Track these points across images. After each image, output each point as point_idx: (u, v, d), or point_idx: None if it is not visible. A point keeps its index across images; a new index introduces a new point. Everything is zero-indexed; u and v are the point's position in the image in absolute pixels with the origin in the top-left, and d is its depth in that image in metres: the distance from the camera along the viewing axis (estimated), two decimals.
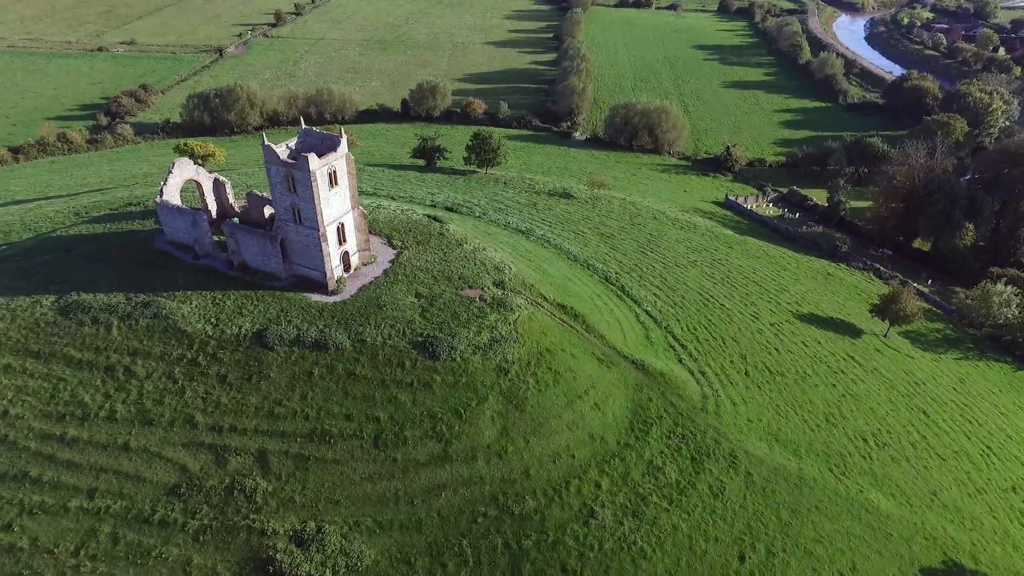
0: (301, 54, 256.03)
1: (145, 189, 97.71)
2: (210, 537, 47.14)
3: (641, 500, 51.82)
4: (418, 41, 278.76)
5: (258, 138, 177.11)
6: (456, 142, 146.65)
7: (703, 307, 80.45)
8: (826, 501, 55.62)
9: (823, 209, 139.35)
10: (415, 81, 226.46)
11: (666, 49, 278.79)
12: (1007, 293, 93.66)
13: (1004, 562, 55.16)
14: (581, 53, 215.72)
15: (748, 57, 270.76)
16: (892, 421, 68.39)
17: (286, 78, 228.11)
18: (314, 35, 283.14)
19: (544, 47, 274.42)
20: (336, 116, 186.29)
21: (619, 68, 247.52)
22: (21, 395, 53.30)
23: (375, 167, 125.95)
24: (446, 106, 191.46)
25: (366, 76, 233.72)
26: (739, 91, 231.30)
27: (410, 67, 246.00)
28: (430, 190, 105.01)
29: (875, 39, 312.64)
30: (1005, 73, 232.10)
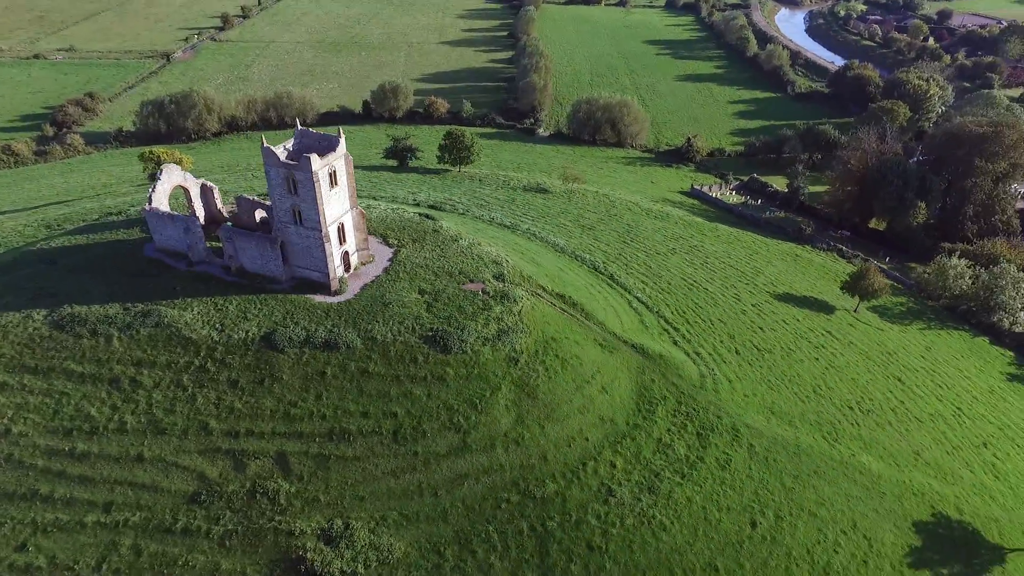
0: (253, 58, 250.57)
1: (116, 199, 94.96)
2: (236, 542, 46.95)
3: (655, 476, 53.92)
4: (372, 42, 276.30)
5: (218, 144, 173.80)
6: (422, 142, 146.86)
7: (688, 291, 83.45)
8: (823, 466, 58.94)
9: (783, 195, 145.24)
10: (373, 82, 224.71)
11: (619, 45, 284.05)
12: (960, 266, 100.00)
13: (984, 511, 59.52)
14: (540, 50, 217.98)
15: (698, 51, 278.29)
16: (872, 389, 72.62)
17: (240, 82, 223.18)
18: (265, 38, 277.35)
19: (499, 45, 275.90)
20: (297, 119, 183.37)
21: (575, 64, 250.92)
22: (22, 412, 51.74)
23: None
24: (409, 106, 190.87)
25: (322, 78, 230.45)
26: (693, 84, 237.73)
27: (367, 68, 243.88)
28: (410, 190, 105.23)
29: (815, 31, 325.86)
30: (937, 61, 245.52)
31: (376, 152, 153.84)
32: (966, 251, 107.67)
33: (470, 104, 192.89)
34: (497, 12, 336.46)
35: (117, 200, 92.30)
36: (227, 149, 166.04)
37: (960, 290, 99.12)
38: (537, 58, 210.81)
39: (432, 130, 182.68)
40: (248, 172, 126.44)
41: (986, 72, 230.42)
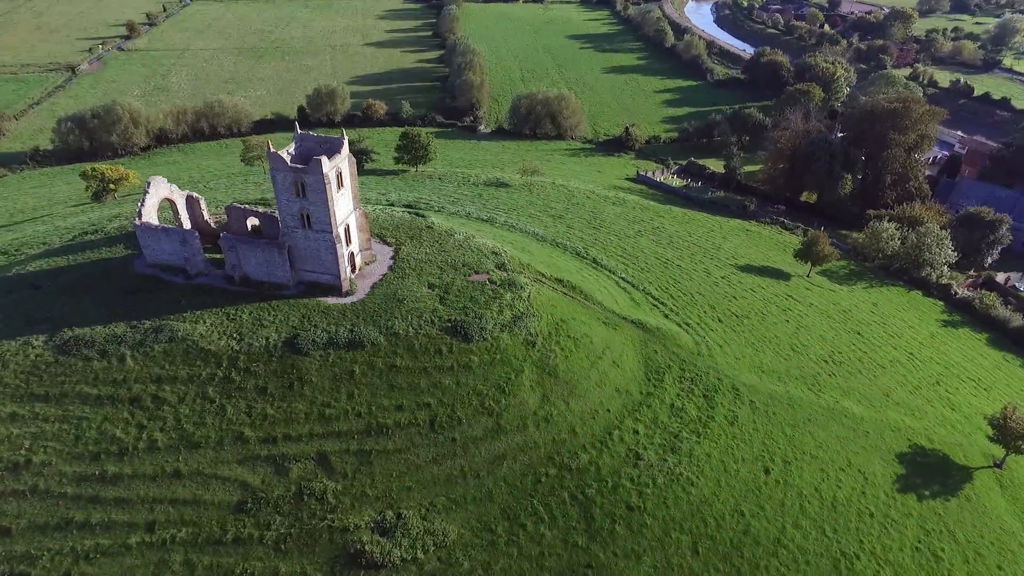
0: (169, 66, 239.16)
1: (69, 220, 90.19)
2: (291, 544, 47.30)
3: (675, 437, 58.02)
4: (294, 47, 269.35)
5: (149, 159, 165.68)
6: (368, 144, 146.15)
7: (664, 269, 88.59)
8: (814, 414, 65.00)
9: (722, 176, 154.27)
10: (302, 87, 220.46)
11: (543, 40, 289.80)
12: (890, 230, 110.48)
13: (949, 439, 67.36)
14: (472, 48, 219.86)
15: (619, 44, 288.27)
16: (839, 343, 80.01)
17: (159, 93, 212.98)
18: (177, 46, 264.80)
19: (426, 45, 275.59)
20: (231, 128, 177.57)
21: (504, 61, 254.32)
22: (40, 442, 49.71)
23: None
24: (346, 110, 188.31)
25: (248, 86, 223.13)
26: (619, 75, 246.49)
27: (293, 73, 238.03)
28: (379, 191, 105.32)
29: (723, 21, 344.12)
30: (836, 45, 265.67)
31: None
32: (893, 216, 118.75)
33: (409, 105, 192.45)
34: (417, 12, 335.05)
35: (75, 220, 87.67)
36: (161, 163, 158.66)
37: (892, 251, 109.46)
38: (470, 56, 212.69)
39: (372, 132, 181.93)
40: (199, 184, 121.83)
41: (879, 54, 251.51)
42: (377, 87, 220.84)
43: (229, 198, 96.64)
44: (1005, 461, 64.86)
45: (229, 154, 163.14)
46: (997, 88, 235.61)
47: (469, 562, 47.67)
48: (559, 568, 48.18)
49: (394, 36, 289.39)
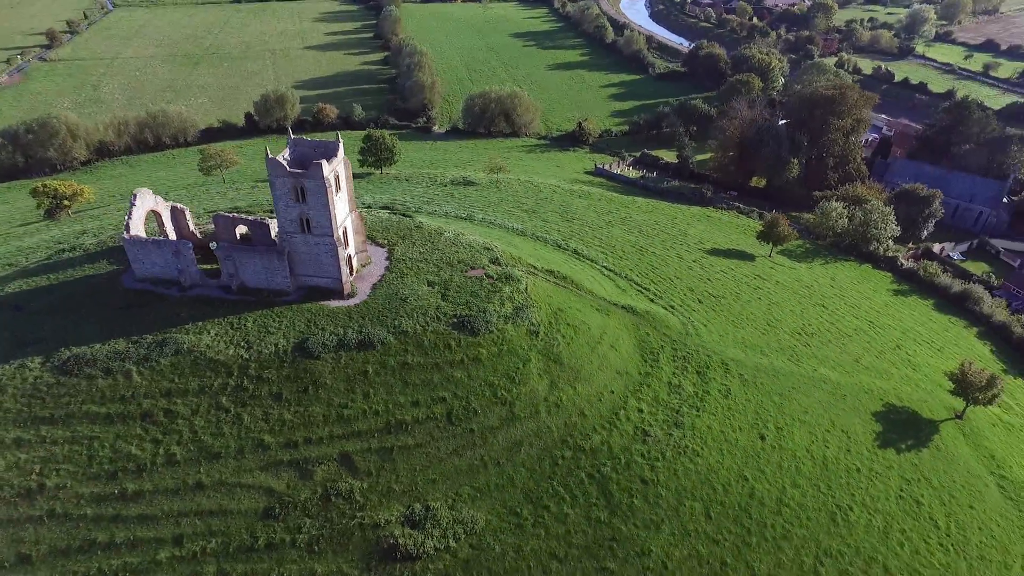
0: (99, 76, 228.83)
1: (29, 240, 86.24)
2: (325, 545, 47.79)
3: (676, 413, 61.18)
4: (231, 52, 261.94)
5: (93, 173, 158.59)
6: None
7: (641, 256, 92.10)
8: (797, 382, 69.53)
9: (675, 165, 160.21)
10: (245, 93, 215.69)
11: (485, 39, 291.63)
12: (839, 209, 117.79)
13: (915, 396, 73.17)
14: (419, 49, 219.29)
15: (561, 41, 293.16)
16: (807, 316, 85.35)
17: (92, 104, 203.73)
18: (105, 54, 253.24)
19: (369, 47, 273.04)
20: (177, 138, 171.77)
21: (449, 61, 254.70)
22: (51, 465, 48.37)
23: None
24: (296, 115, 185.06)
25: (187, 94, 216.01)
26: (564, 72, 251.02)
27: (234, 79, 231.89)
28: None
29: (657, 16, 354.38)
30: (766, 37, 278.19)
31: None
32: (838, 195, 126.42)
33: (360, 108, 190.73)
34: (355, 14, 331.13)
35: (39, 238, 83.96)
36: (106, 178, 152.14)
37: (841, 228, 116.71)
38: (417, 57, 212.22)
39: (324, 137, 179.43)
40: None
41: (806, 44, 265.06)
42: (324, 91, 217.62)
43: (195, 210, 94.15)
44: (965, 412, 71.09)
45: (179, 165, 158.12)
46: (914, 74, 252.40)
47: (500, 546, 49.27)
48: (585, 543, 50.37)
49: (334, 39, 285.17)
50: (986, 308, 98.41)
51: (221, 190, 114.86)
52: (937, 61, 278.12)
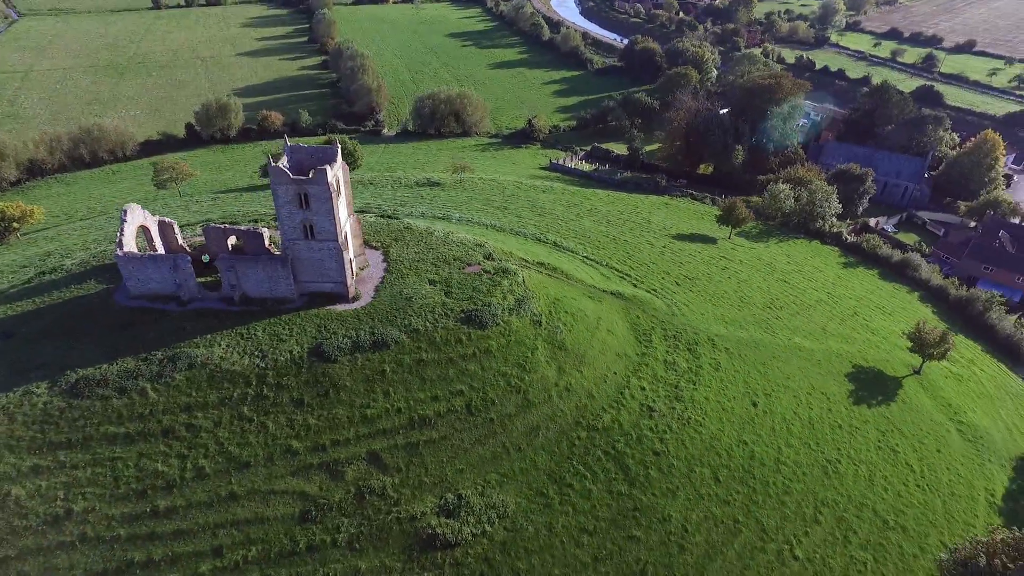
0: (14, 90, 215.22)
1: None
2: (365, 541, 48.84)
3: (675, 388, 65.04)
4: (158, 61, 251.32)
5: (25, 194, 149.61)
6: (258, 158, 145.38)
7: (615, 245, 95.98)
8: (776, 352, 74.85)
9: (626, 157, 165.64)
10: (179, 103, 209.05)
11: (423, 40, 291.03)
12: (786, 190, 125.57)
13: (878, 356, 79.97)
14: (361, 52, 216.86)
15: (498, 40, 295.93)
16: (774, 292, 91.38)
17: (10, 121, 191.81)
18: (16, 67, 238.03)
19: (304, 51, 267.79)
20: (115, 153, 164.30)
21: (390, 63, 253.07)
22: (75, 489, 47.31)
23: (232, 192, 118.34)
24: (241, 124, 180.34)
25: (116, 105, 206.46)
26: (506, 70, 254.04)
27: (165, 89, 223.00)
28: None
29: (588, 13, 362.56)
30: (694, 30, 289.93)
31: (233, 175, 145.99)
32: (784, 178, 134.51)
33: (307, 113, 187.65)
34: (285, 18, 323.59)
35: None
36: (42, 197, 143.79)
37: (789, 208, 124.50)
38: (360, 60, 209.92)
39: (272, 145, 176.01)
40: (104, 215, 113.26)
41: (732, 37, 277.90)
42: (264, 98, 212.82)
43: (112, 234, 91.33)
44: (922, 368, 78.32)
45: (121, 180, 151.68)
46: (831, 61, 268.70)
47: (533, 526, 51.59)
48: (611, 516, 53.34)
49: (267, 44, 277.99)
50: (924, 274, 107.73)
51: (181, 203, 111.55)
52: (850, 49, 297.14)
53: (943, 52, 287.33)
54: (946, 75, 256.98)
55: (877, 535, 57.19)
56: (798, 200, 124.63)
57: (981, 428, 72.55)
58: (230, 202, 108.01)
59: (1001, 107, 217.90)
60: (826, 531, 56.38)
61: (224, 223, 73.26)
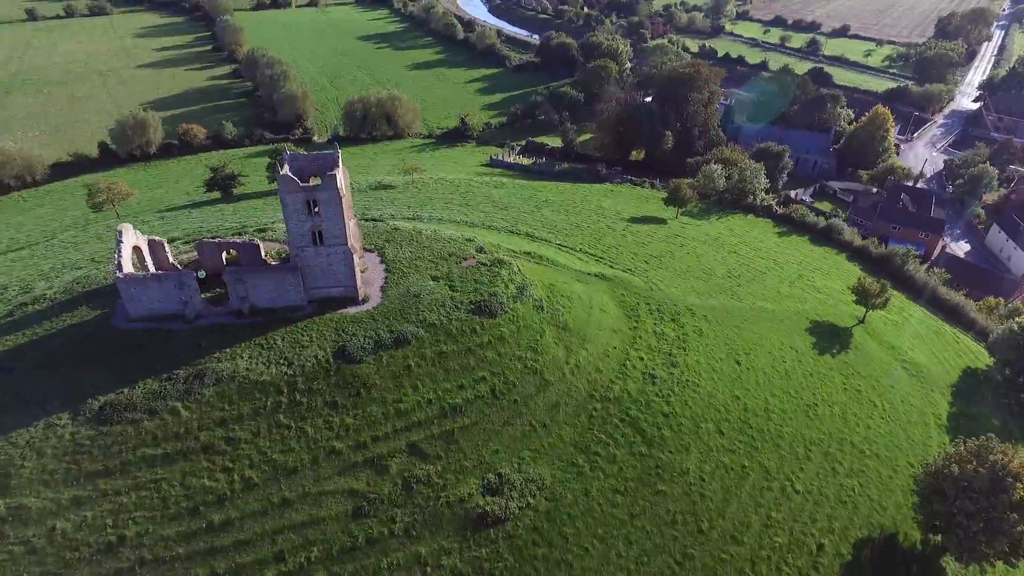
0: None
1: None
2: (421, 528, 50.91)
3: (669, 355, 70.56)
4: (49, 76, 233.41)
5: None
6: (180, 173, 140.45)
7: (580, 231, 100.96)
8: (746, 316, 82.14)
9: (561, 149, 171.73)
10: (81, 121, 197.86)
11: (335, 44, 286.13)
12: (718, 170, 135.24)
13: (829, 311, 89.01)
14: (279, 59, 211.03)
15: (412, 41, 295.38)
16: (728, 262, 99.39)
17: None
18: None
19: (210, 61, 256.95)
20: (23, 179, 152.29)
21: (305, 68, 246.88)
22: (123, 515, 46.49)
23: (178, 210, 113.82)
24: (161, 139, 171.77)
25: (11, 127, 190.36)
26: (425, 71, 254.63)
27: (62, 106, 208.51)
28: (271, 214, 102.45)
29: (497, 11, 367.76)
30: (601, 24, 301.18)
31: (167, 192, 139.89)
32: (713, 159, 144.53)
33: (231, 124, 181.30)
34: (183, 26, 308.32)
35: None
36: None
37: (722, 186, 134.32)
38: (279, 67, 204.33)
39: (197, 159, 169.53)
40: (37, 246, 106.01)
41: (639, 29, 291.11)
42: (176, 111, 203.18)
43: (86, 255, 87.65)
44: (865, 317, 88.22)
45: (37, 207, 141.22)
46: (730, 49, 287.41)
47: (571, 494, 55.29)
48: (637, 475, 57.91)
49: (168, 55, 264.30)
50: (847, 236, 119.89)
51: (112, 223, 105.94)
52: (744, 36, 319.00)
53: (824, 36, 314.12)
54: (829, 57, 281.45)
55: (858, 463, 65.04)
56: (729, 179, 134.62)
57: (920, 364, 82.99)
58: (182, 219, 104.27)
59: (881, 84, 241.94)
60: (817, 466, 63.54)
61: (216, 237, 71.77)
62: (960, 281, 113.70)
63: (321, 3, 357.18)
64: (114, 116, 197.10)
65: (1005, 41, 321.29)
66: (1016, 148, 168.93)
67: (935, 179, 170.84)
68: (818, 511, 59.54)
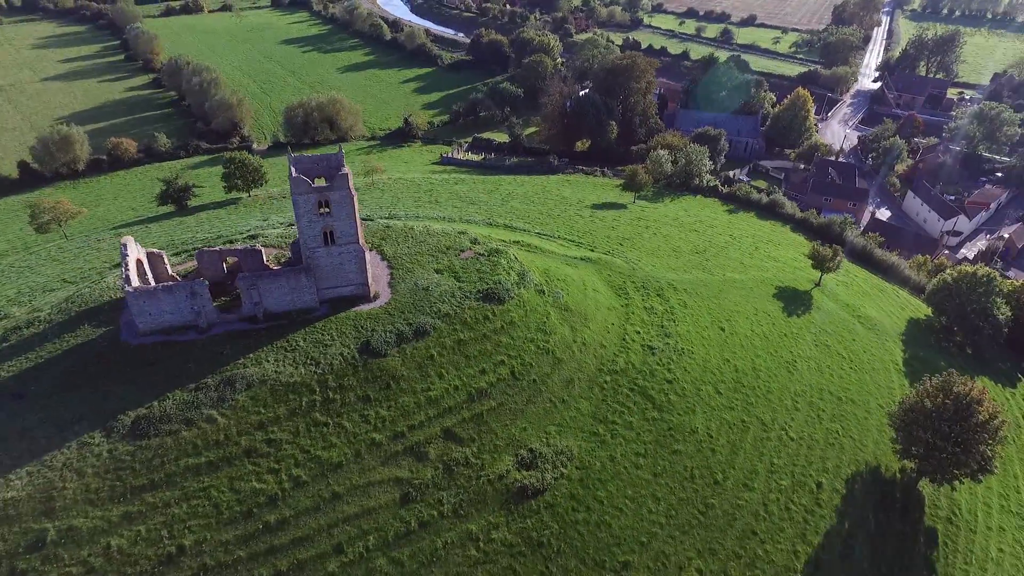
0: None
1: None
2: (468, 507, 53.13)
3: (661, 327, 75.33)
4: None
5: None
6: (117, 188, 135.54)
7: (552, 220, 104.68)
8: (719, 287, 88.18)
9: (509, 144, 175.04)
10: None
11: (258, 49, 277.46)
12: (665, 155, 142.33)
13: (789, 277, 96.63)
14: (207, 66, 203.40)
15: (338, 43, 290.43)
16: (692, 240, 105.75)
17: None
18: None
19: (125, 71, 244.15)
20: None
21: (231, 75, 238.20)
22: (177, 526, 46.26)
23: (132, 226, 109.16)
24: (88, 155, 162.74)
25: None
26: (357, 73, 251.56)
27: None
28: (250, 219, 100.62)
29: (420, 10, 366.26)
30: (526, 21, 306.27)
31: (109, 210, 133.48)
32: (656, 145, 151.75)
33: (164, 136, 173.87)
34: (86, 35, 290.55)
35: None
36: None
37: (669, 170, 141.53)
38: (208, 75, 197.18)
39: (129, 175, 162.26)
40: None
41: (564, 24, 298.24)
42: (96, 125, 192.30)
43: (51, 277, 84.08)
44: (821, 280, 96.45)
45: None
46: (652, 40, 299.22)
47: (598, 461, 58.84)
48: (654, 438, 62.14)
49: (76, 66, 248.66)
50: (789, 210, 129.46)
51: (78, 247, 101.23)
52: (662, 28, 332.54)
53: (734, 26, 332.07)
54: (743, 46, 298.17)
55: (837, 409, 71.93)
56: (675, 163, 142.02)
57: (873, 318, 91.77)
58: (143, 236, 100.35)
59: (792, 69, 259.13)
60: (804, 415, 69.90)
61: (217, 246, 70.48)
62: (890, 243, 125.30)
63: (236, 8, 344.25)
64: (26, 133, 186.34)
65: (892, 26, 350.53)
66: (919, 122, 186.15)
67: (852, 154, 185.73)
68: (812, 454, 65.74)
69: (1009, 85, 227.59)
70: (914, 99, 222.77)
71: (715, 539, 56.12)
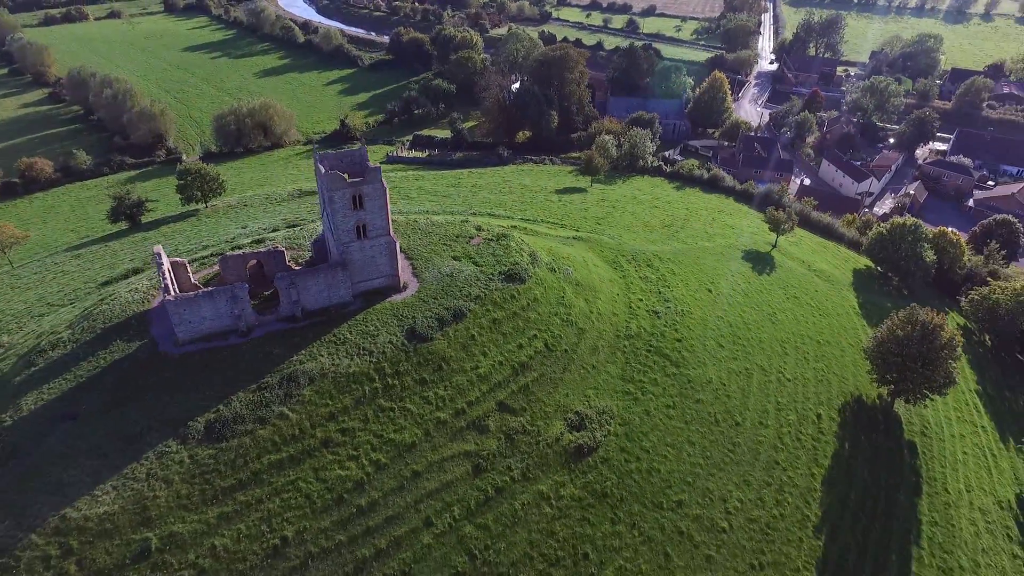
0: None
1: None
2: (534, 470, 56.70)
3: (659, 293, 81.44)
4: None
5: None
6: (52, 211, 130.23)
7: (527, 206, 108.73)
8: (695, 255, 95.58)
9: (452, 139, 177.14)
10: None
11: (161, 57, 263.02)
12: (610, 140, 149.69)
13: (750, 242, 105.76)
14: (117, 77, 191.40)
15: (248, 48, 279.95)
16: (657, 215, 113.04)
17: None
18: None
19: (13, 87, 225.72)
20: None
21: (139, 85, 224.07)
22: (276, 519, 47.05)
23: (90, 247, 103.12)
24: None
25: None
26: (277, 77, 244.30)
27: None
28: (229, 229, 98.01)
29: (325, 11, 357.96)
30: (439, 19, 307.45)
31: (45, 234, 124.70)
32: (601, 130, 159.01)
33: (84, 153, 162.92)
34: None
35: None
36: None
37: (615, 154, 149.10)
38: (120, 86, 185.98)
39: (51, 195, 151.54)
40: None
41: (479, 20, 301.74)
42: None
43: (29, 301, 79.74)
44: (777, 242, 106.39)
45: None
46: (565, 33, 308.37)
47: (636, 416, 63.88)
48: (678, 391, 67.94)
49: None
50: (728, 183, 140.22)
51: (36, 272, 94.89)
52: (571, 21, 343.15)
53: (638, 16, 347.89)
54: (649, 35, 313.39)
55: (818, 351, 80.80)
56: (620, 147, 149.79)
57: (826, 271, 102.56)
58: (106, 255, 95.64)
59: (699, 55, 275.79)
60: (793, 358, 78.12)
61: (242, 250, 69.20)
62: (820, 206, 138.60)
63: (125, 15, 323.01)
64: None
65: (777, 12, 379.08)
66: (821, 98, 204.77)
67: (766, 129, 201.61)
68: (807, 391, 73.90)
69: (885, 61, 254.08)
70: (809, 77, 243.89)
71: (747, 472, 62.60)
